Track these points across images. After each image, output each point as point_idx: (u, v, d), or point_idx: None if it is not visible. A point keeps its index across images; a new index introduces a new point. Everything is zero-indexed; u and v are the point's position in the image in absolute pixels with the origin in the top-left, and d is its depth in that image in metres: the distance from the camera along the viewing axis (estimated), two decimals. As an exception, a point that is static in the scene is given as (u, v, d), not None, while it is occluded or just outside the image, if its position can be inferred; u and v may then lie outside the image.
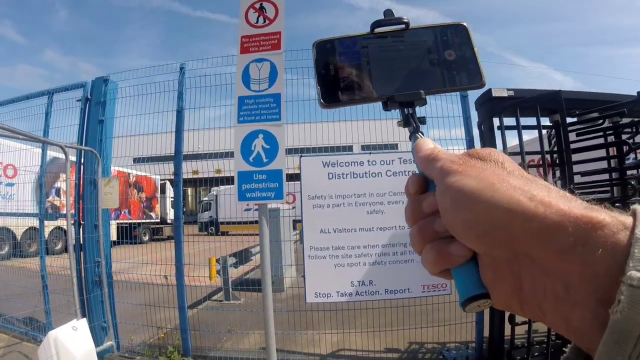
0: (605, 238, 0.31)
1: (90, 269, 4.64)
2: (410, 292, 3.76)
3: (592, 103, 3.92)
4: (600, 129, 4.04)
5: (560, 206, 0.33)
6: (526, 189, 0.35)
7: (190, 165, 4.57)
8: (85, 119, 4.69)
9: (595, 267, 0.31)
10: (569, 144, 3.57)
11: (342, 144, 4.76)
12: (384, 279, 3.72)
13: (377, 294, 3.73)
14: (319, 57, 0.63)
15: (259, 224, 3.57)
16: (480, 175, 0.38)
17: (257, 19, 3.85)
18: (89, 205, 4.57)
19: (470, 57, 0.61)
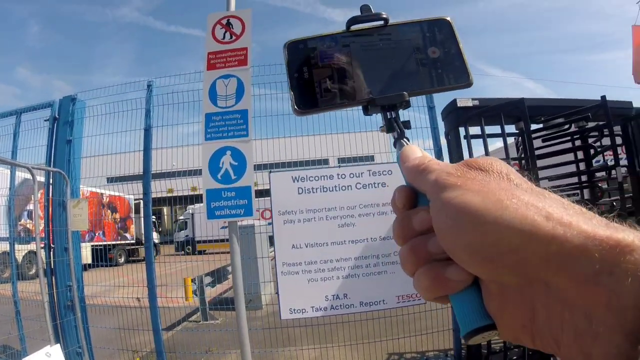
0: (636, 265, 0.27)
1: (62, 293, 4.54)
2: (385, 303, 3.75)
3: (557, 109, 4.01)
4: (567, 134, 4.13)
5: (582, 227, 0.29)
6: (540, 206, 0.31)
7: (165, 184, 4.51)
8: (53, 139, 4.62)
9: (624, 297, 0.27)
10: (534, 150, 3.64)
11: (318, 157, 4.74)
12: (358, 291, 3.72)
13: (352, 307, 3.72)
14: (291, 59, 0.58)
15: (230, 242, 3.55)
16: (484, 189, 0.33)
17: (223, 35, 3.85)
18: (58, 227, 4.49)
19: (456, 54, 0.57)
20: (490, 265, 0.32)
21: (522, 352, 3.64)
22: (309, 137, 4.36)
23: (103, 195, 11.88)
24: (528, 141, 3.64)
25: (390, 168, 3.86)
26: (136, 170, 4.29)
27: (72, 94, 4.59)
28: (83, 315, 4.50)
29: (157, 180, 4.42)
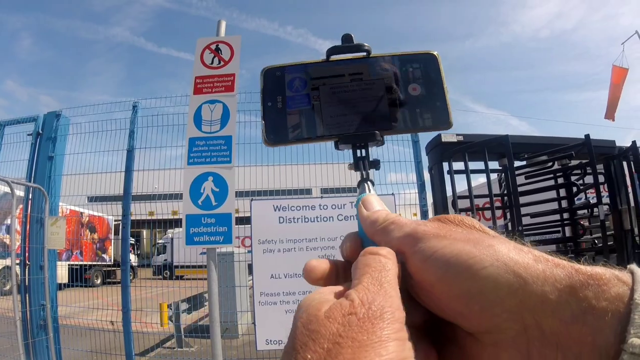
0: (613, 301, 0.28)
1: (35, 312, 4.45)
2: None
3: (541, 147, 4.08)
4: (550, 171, 4.18)
5: (567, 266, 0.30)
6: (525, 249, 0.32)
7: (147, 206, 4.48)
8: (35, 154, 4.58)
9: (605, 335, 0.28)
10: (517, 187, 3.67)
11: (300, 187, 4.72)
12: (336, 324, 3.68)
13: (330, 340, 3.68)
14: (266, 87, 0.56)
15: (207, 269, 3.52)
16: (471, 238, 0.33)
17: (212, 60, 3.87)
18: (35, 245, 4.42)
19: (438, 93, 0.54)
20: (489, 313, 0.30)
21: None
22: (292, 166, 4.36)
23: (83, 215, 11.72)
24: (511, 178, 3.68)
25: (373, 200, 3.87)
26: (117, 190, 4.25)
27: (57, 110, 4.57)
28: (55, 336, 4.41)
29: (138, 202, 4.39)
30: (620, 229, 4.56)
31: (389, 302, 0.30)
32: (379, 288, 0.31)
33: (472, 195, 3.61)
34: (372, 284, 0.31)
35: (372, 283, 0.31)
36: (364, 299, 0.30)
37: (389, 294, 0.31)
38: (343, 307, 0.29)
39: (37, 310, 4.43)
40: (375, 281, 0.32)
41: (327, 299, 0.31)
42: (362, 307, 0.29)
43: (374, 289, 0.31)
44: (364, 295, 0.30)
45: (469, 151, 3.65)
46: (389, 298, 0.30)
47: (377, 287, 0.31)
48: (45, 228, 4.33)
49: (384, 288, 0.31)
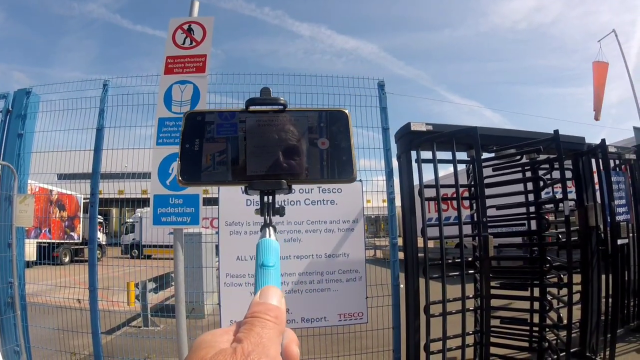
0: None
1: (2, 289, 4.43)
2: (327, 320, 3.81)
3: (510, 140, 4.15)
4: (517, 165, 4.26)
5: None
6: None
7: (116, 185, 4.47)
8: (4, 132, 4.53)
9: None
10: (483, 179, 3.74)
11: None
12: (300, 307, 3.76)
13: (294, 322, 3.76)
14: (186, 130, 0.60)
15: (174, 249, 3.54)
16: None
17: (184, 40, 3.86)
18: (3, 222, 4.39)
19: (345, 148, 0.59)
20: None
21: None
22: (263, 148, 4.36)
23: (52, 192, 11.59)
24: (478, 169, 3.75)
25: (341, 186, 3.92)
26: (87, 169, 4.23)
27: (27, 88, 4.51)
28: (23, 314, 4.42)
29: (107, 180, 4.37)
30: (586, 225, 4.69)
31: (265, 353, 0.38)
32: (259, 340, 0.39)
33: (438, 184, 3.68)
34: (253, 337, 0.39)
35: (253, 336, 0.39)
36: (245, 349, 0.37)
37: (267, 348, 0.38)
38: (226, 355, 0.37)
39: (5, 288, 4.41)
40: (257, 335, 0.39)
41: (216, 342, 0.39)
42: (242, 356, 0.36)
43: (255, 341, 0.38)
44: (246, 346, 0.37)
45: (437, 141, 3.71)
46: (266, 351, 0.38)
47: (257, 339, 0.39)
48: (13, 206, 4.31)
49: (263, 343, 0.38)
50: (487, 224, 3.82)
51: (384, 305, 4.07)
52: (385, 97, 4.15)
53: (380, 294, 4.04)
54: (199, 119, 0.60)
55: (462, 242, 3.73)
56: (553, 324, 4.14)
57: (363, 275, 3.86)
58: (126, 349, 4.47)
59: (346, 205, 3.85)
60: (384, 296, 4.05)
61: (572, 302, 3.91)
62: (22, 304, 4.42)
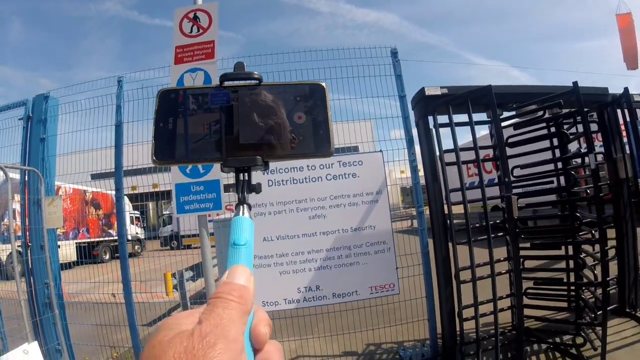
0: None
1: (40, 290, 4.59)
2: (358, 294, 3.81)
3: (528, 96, 4.02)
4: (539, 121, 4.14)
5: None
6: None
7: (149, 179, 4.54)
8: (27, 138, 4.65)
9: None
10: (502, 138, 3.66)
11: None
12: (330, 283, 3.78)
13: (325, 298, 3.78)
14: (160, 108, 0.59)
15: (199, 235, 3.60)
16: None
17: (191, 29, 3.88)
18: (34, 225, 4.53)
19: (322, 122, 0.58)
20: None
21: (494, 342, 3.67)
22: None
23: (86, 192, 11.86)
24: (497, 129, 3.67)
25: (361, 159, 3.90)
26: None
27: (45, 92, 4.61)
28: (61, 313, 4.57)
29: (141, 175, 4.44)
30: (616, 178, 4.55)
31: (223, 335, 0.37)
32: (219, 322, 0.39)
33: (457, 148, 3.61)
34: (213, 318, 0.39)
35: (214, 317, 0.39)
36: (202, 331, 0.37)
37: (226, 329, 0.38)
38: (183, 337, 0.37)
39: (42, 288, 4.57)
40: (217, 316, 0.39)
41: (178, 324, 0.39)
42: (199, 338, 0.37)
43: (214, 322, 0.38)
44: (204, 328, 0.38)
45: (452, 103, 3.63)
46: (225, 332, 0.38)
47: (217, 320, 0.39)
48: (42, 208, 4.44)
49: (223, 324, 0.38)
50: (512, 184, 3.74)
51: (415, 274, 4.06)
52: (399, 65, 4.08)
53: (410, 264, 4.02)
54: (173, 97, 0.59)
55: (485, 204, 3.66)
56: (588, 282, 4.05)
57: (391, 246, 3.84)
58: (165, 339, 4.57)
59: (368, 177, 3.83)
60: (415, 265, 4.04)
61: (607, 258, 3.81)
62: (59, 303, 4.56)
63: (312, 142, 0.57)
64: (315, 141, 0.57)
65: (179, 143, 0.56)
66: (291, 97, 0.58)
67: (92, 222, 14.57)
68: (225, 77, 0.58)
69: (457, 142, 3.59)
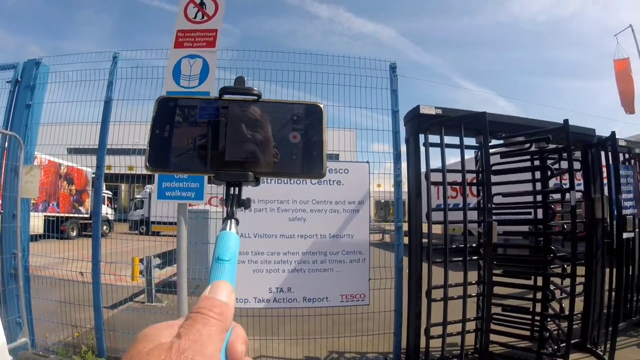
0: None
1: (6, 260, 4.47)
2: (329, 301, 3.82)
3: (519, 127, 4.11)
4: (526, 153, 4.23)
5: None
6: None
7: (126, 160, 4.46)
8: (13, 103, 4.54)
9: None
10: (489, 164, 3.72)
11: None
12: (302, 286, 3.77)
13: (296, 301, 3.78)
14: (157, 115, 0.58)
15: (177, 224, 3.55)
16: None
17: (195, 15, 3.85)
18: (9, 193, 4.41)
19: (316, 143, 0.57)
20: None
21: None
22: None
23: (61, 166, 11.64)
24: (485, 155, 3.73)
25: (347, 167, 3.91)
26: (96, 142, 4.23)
27: (37, 58, 4.51)
28: (26, 285, 4.46)
29: (118, 155, 4.37)
30: (592, 217, 4.67)
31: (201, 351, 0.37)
32: (198, 337, 0.39)
33: (444, 169, 3.66)
34: (192, 333, 0.39)
35: (193, 333, 0.39)
36: (181, 346, 0.37)
37: (204, 346, 0.38)
38: (161, 350, 0.37)
39: (9, 258, 4.45)
40: (197, 332, 0.39)
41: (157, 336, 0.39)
42: (177, 352, 0.37)
43: (193, 338, 0.38)
44: (183, 343, 0.37)
45: (445, 125, 3.68)
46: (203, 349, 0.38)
47: (196, 336, 0.39)
48: (19, 177, 4.33)
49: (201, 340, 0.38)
50: (493, 210, 3.81)
51: (387, 287, 4.08)
52: (396, 80, 4.12)
53: (383, 277, 4.05)
54: (171, 105, 0.59)
55: (465, 228, 3.72)
56: (555, 314, 4.13)
57: (367, 257, 3.86)
58: (128, 323, 4.50)
59: (352, 186, 3.85)
60: (387, 279, 4.06)
61: (575, 293, 3.90)
62: (25, 275, 4.45)
63: (304, 162, 0.56)
64: (308, 161, 0.56)
65: (173, 152, 0.56)
66: (288, 115, 0.58)
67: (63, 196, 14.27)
68: (225, 90, 0.58)
69: (446, 164, 3.65)
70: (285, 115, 0.58)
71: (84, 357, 4.16)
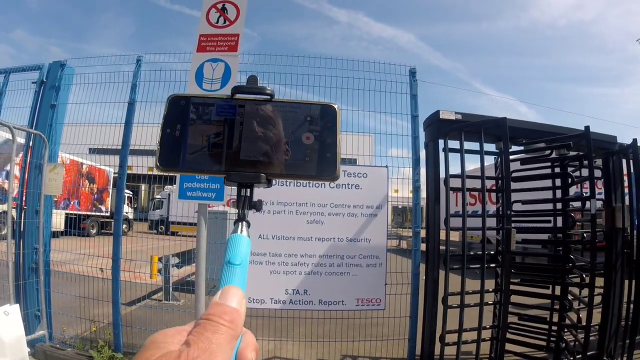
0: None
1: (28, 255, 4.58)
2: (344, 304, 3.83)
3: (540, 134, 4.07)
4: (546, 159, 4.19)
5: None
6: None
7: (147, 161, 4.54)
8: (38, 102, 4.66)
9: None
10: (509, 171, 3.69)
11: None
12: (319, 289, 3.79)
13: (311, 303, 3.79)
14: (169, 114, 0.58)
15: (197, 224, 3.59)
16: None
17: (217, 19, 3.90)
18: (32, 190, 4.53)
19: (330, 144, 0.56)
20: None
21: (473, 369, 3.69)
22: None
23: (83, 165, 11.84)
24: (505, 161, 3.70)
25: (366, 171, 3.92)
26: (118, 143, 4.32)
27: (62, 60, 4.63)
28: (46, 280, 4.56)
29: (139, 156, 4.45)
30: (612, 226, 4.59)
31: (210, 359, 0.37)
32: (207, 346, 0.38)
33: (464, 175, 3.64)
34: (202, 342, 0.39)
35: (202, 341, 0.39)
36: (190, 354, 0.37)
37: (214, 355, 0.38)
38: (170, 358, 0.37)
39: (30, 253, 4.56)
40: (206, 340, 0.39)
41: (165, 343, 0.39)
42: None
43: (203, 346, 0.38)
44: (192, 352, 0.37)
45: (465, 130, 3.67)
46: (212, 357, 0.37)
47: (206, 345, 0.38)
48: (43, 174, 4.44)
49: (211, 349, 0.38)
50: (512, 217, 3.78)
51: (403, 293, 4.08)
52: (416, 84, 4.13)
53: (399, 282, 4.04)
54: (183, 104, 0.58)
55: (484, 234, 3.69)
56: (572, 325, 4.08)
57: (384, 261, 3.87)
58: (145, 320, 4.58)
59: (371, 190, 3.86)
60: (403, 284, 4.06)
61: (593, 304, 3.85)
62: (45, 270, 4.56)
63: (318, 164, 0.55)
64: (322, 164, 0.55)
65: (184, 151, 0.55)
66: (301, 116, 0.57)
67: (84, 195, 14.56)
68: (237, 89, 0.57)
69: (466, 170, 3.63)
70: (298, 115, 0.57)
71: (101, 352, 4.23)
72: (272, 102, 0.57)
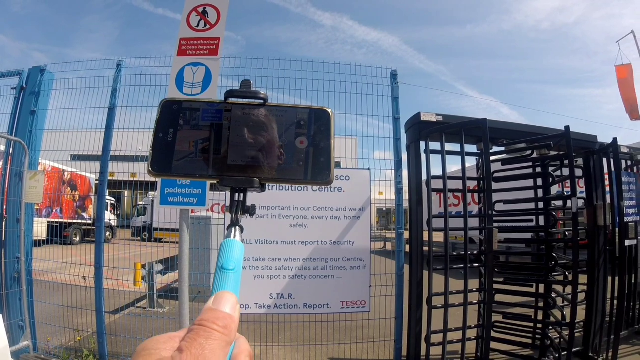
0: None
1: (10, 264, 4.50)
2: (330, 307, 3.82)
3: (520, 134, 4.11)
4: (527, 160, 4.23)
5: None
6: None
7: (129, 167, 4.50)
8: (18, 109, 4.59)
9: None
10: (490, 171, 3.72)
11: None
12: (303, 293, 3.78)
13: (296, 307, 3.78)
14: (162, 118, 0.57)
15: (179, 230, 3.57)
16: None
17: (198, 23, 3.89)
18: (13, 198, 4.46)
19: (324, 149, 0.56)
20: None
21: (458, 369, 3.71)
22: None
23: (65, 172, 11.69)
24: (486, 162, 3.73)
25: (349, 174, 3.93)
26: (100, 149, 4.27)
27: (42, 65, 4.57)
28: (29, 289, 4.49)
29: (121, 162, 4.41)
30: (594, 224, 4.65)
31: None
32: (200, 352, 0.37)
33: (445, 176, 3.67)
34: (194, 348, 0.38)
35: (195, 347, 0.38)
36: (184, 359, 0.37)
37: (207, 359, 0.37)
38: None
39: (12, 262, 4.49)
40: (199, 346, 0.38)
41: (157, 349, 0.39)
42: None
43: (196, 353, 0.37)
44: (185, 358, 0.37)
45: (446, 132, 3.70)
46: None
47: (199, 351, 0.38)
48: (23, 182, 4.37)
49: (204, 355, 0.37)
50: (494, 217, 3.81)
51: (387, 295, 4.08)
52: (397, 87, 4.14)
53: (384, 284, 4.05)
54: (175, 108, 0.57)
55: (466, 234, 3.72)
56: (556, 322, 4.12)
57: (368, 264, 3.87)
58: (130, 328, 4.53)
59: (353, 193, 3.87)
60: (388, 286, 4.06)
61: (577, 301, 3.89)
62: (28, 279, 4.49)
63: (312, 168, 0.55)
64: (316, 168, 0.55)
65: (176, 156, 0.55)
66: (295, 120, 0.57)
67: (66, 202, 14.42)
68: (231, 93, 0.57)
69: (447, 172, 3.65)
70: (292, 120, 0.56)
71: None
72: (265, 106, 0.57)
